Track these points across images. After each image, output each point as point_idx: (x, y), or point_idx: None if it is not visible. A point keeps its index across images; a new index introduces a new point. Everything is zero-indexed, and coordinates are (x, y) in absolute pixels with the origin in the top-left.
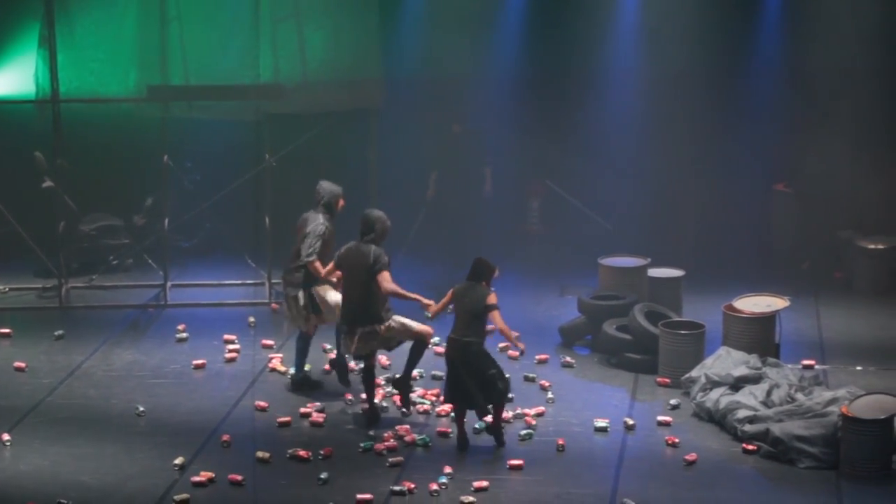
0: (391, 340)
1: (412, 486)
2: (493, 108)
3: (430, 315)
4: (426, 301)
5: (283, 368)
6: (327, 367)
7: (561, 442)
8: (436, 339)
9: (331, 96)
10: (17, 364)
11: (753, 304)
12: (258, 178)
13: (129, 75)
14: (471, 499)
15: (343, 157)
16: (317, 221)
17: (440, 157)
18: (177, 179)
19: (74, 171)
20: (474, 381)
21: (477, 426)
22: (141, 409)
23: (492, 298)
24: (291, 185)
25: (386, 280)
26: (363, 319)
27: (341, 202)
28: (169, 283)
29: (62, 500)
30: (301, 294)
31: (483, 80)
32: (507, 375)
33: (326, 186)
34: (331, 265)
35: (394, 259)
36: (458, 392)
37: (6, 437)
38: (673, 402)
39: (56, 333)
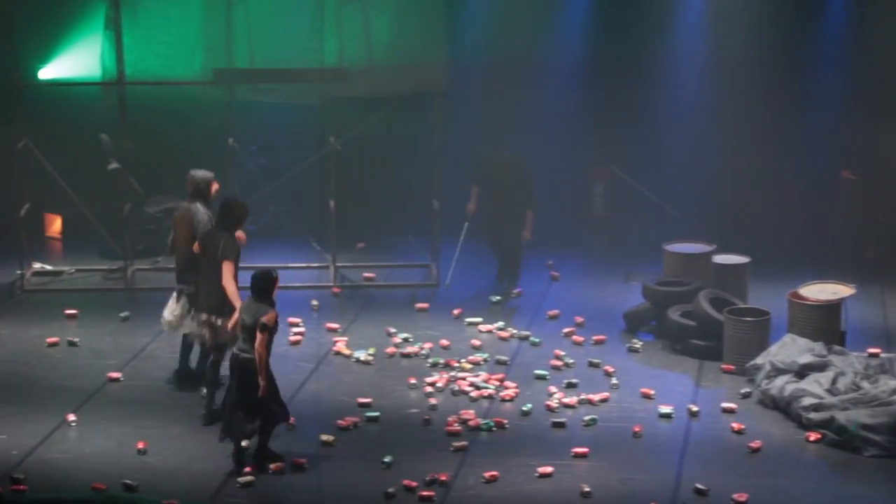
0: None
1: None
2: (557, 91)
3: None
4: (235, 317)
5: (347, 352)
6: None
7: (637, 429)
8: (500, 324)
9: (395, 80)
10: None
11: (819, 291)
12: (323, 162)
13: (195, 58)
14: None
15: (407, 141)
16: (198, 215)
17: (485, 176)
18: (242, 162)
19: (140, 154)
20: (245, 399)
21: (525, 408)
22: (205, 390)
23: (266, 318)
24: (356, 169)
25: (226, 271)
26: (206, 307)
27: (214, 186)
28: None
29: (127, 481)
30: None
31: (547, 63)
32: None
33: (197, 174)
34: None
35: (446, 257)
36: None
37: (72, 417)
38: (743, 390)
39: (122, 315)
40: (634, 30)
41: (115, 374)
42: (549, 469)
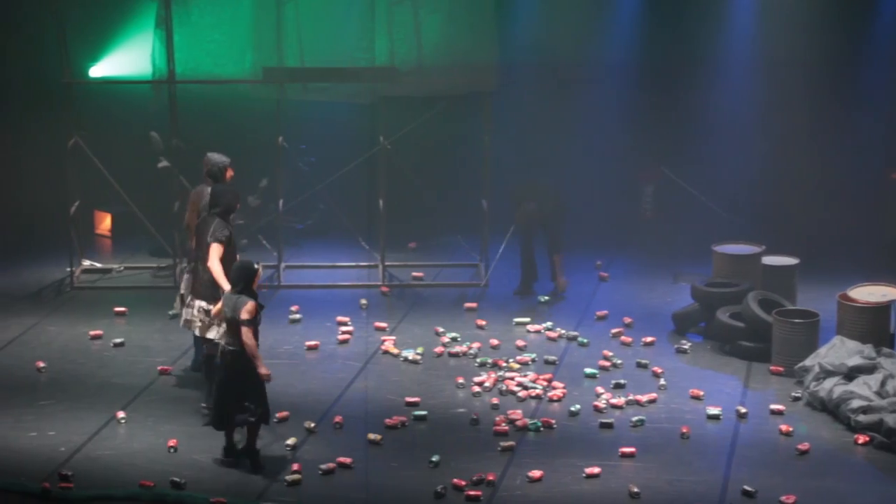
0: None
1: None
2: (606, 92)
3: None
4: (219, 305)
5: (395, 351)
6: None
7: (685, 430)
8: (549, 324)
9: (445, 79)
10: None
11: (868, 293)
12: (372, 161)
13: (245, 56)
14: None
15: (457, 141)
16: (207, 198)
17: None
18: (291, 161)
19: (189, 152)
20: (234, 392)
21: (573, 408)
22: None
23: (244, 313)
24: (405, 168)
25: (212, 252)
26: (202, 295)
27: (229, 172)
28: (283, 265)
29: (175, 478)
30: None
31: (597, 64)
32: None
33: (213, 157)
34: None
35: (494, 257)
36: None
37: (121, 414)
38: (794, 394)
39: (170, 312)
40: (684, 30)
41: (166, 368)
42: (596, 469)
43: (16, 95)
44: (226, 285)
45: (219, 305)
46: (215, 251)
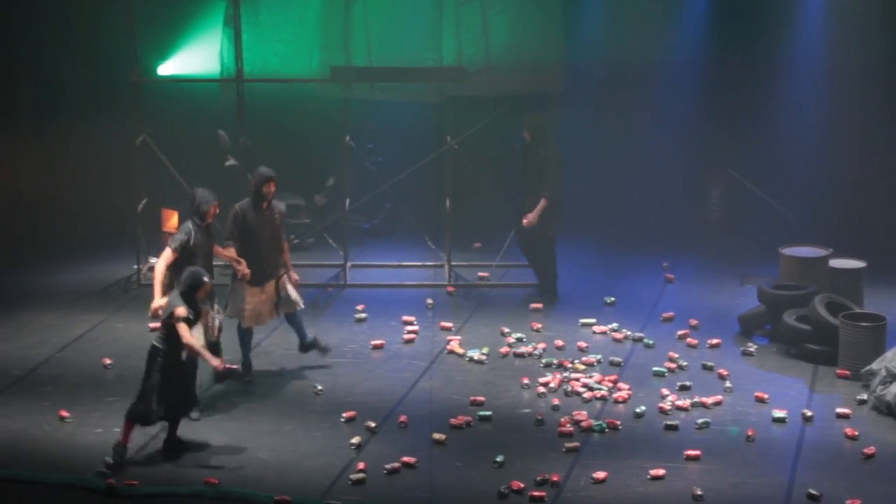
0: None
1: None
2: (673, 93)
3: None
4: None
5: (461, 351)
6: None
7: (750, 433)
8: (614, 325)
9: (512, 80)
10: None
11: None
12: (439, 161)
13: (313, 56)
14: None
15: (523, 141)
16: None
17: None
18: (358, 160)
19: (257, 150)
20: (166, 390)
21: (638, 410)
22: (319, 387)
23: (176, 312)
24: (472, 168)
25: (162, 255)
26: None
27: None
28: (349, 264)
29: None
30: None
31: (664, 65)
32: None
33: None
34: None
35: (560, 258)
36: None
37: (195, 414)
38: (860, 398)
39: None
40: (752, 31)
41: (232, 366)
42: (660, 471)
43: (85, 94)
44: (157, 293)
45: (156, 303)
46: (164, 255)
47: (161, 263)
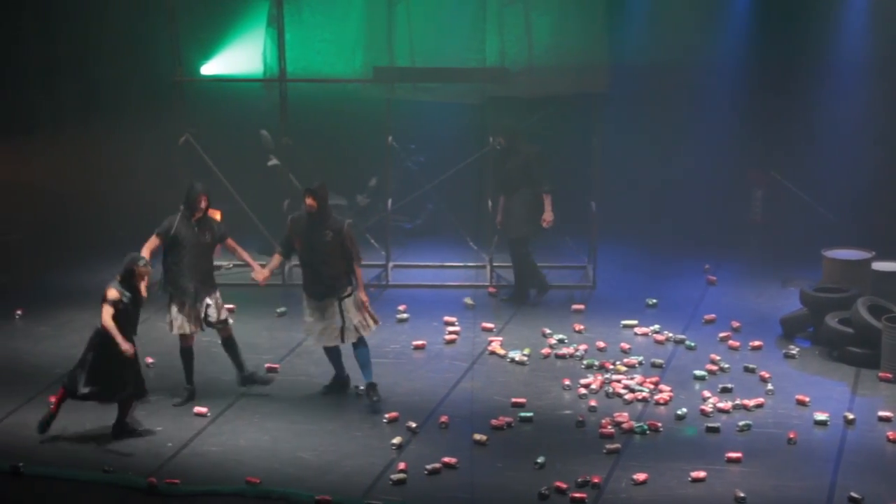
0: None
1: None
2: (716, 95)
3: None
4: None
5: (502, 352)
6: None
7: (792, 436)
8: (656, 327)
9: (555, 81)
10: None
11: None
12: (481, 161)
13: (356, 56)
14: None
15: (566, 142)
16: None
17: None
18: (400, 160)
19: (299, 150)
20: (105, 369)
21: (680, 412)
22: (361, 387)
23: (106, 293)
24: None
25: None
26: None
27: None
28: (391, 264)
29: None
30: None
31: (708, 66)
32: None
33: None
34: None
35: (602, 259)
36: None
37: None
38: None
39: (278, 310)
40: (795, 32)
41: (273, 365)
42: (702, 474)
43: (129, 93)
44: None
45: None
46: (148, 241)
47: (143, 247)
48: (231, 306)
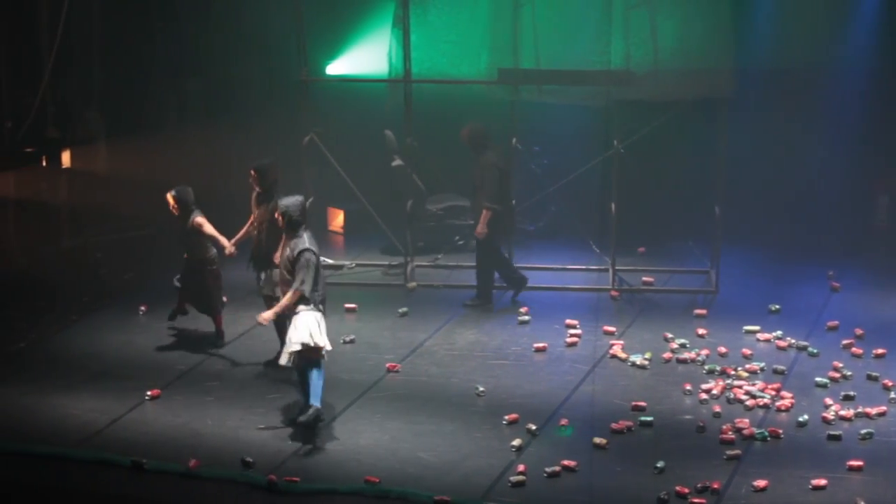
0: None
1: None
2: (843, 100)
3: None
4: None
5: (623, 355)
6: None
7: None
8: (778, 333)
9: (680, 85)
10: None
11: None
12: (605, 164)
13: (481, 57)
14: None
15: (690, 146)
16: None
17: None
18: (524, 162)
19: (423, 151)
20: None
21: (801, 419)
22: (481, 388)
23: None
24: (638, 172)
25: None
26: None
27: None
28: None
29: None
30: None
31: (835, 71)
32: None
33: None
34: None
35: (726, 264)
36: None
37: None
38: None
39: (400, 311)
40: None
41: (394, 365)
42: (822, 482)
43: (255, 92)
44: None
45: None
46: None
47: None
48: (352, 305)
